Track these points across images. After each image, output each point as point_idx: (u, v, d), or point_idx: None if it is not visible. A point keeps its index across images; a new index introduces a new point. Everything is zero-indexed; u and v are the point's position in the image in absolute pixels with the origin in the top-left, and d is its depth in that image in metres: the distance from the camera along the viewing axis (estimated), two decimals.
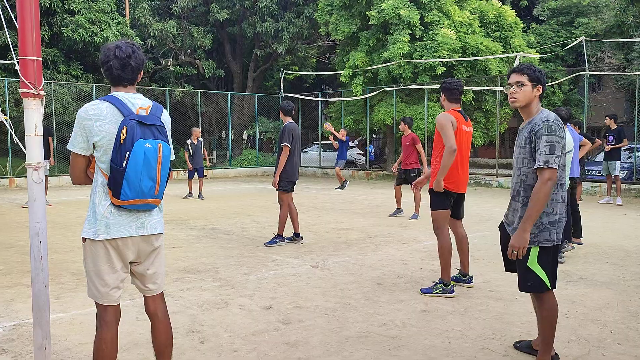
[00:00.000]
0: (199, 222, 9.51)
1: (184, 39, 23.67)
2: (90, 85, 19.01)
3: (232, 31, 24.97)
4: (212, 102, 24.63)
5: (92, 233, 2.77)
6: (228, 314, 4.53)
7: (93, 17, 19.05)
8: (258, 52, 24.54)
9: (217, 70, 24.87)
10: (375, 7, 18.20)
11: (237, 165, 23.27)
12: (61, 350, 3.74)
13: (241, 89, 26.00)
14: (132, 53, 2.79)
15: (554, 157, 3.16)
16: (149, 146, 2.70)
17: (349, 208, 11.48)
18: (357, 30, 19.68)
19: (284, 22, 23.02)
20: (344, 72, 19.80)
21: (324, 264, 6.33)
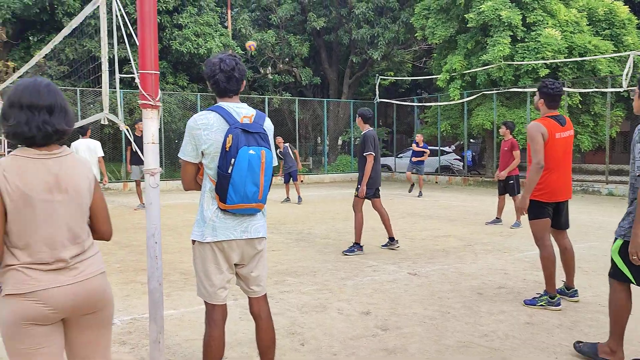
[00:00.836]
0: (296, 227, 9.73)
1: (282, 48, 24.34)
2: (195, 95, 20.06)
3: (328, 39, 25.35)
4: (309, 108, 25.12)
5: (200, 236, 2.93)
6: (327, 317, 4.61)
7: (198, 30, 20.10)
8: (354, 58, 24.72)
9: (314, 77, 25.33)
10: (474, 9, 17.74)
11: (333, 170, 23.54)
12: (172, 345, 3.98)
13: (337, 96, 26.30)
14: (236, 65, 2.94)
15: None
16: (253, 153, 2.82)
17: (445, 215, 11.25)
18: (454, 33, 19.28)
19: (379, 28, 23.03)
20: (441, 77, 19.45)
21: (421, 271, 6.26)
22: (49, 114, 2.11)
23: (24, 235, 2.07)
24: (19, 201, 2.04)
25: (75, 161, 2.22)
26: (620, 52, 17.60)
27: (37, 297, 2.06)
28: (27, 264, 2.07)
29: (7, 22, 18.16)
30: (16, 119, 2.06)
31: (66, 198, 2.14)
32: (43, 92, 2.11)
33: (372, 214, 7.96)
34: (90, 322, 2.26)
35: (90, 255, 2.24)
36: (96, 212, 2.33)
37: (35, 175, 2.08)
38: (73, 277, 2.14)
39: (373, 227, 9.56)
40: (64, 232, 2.13)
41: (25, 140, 2.10)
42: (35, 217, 2.07)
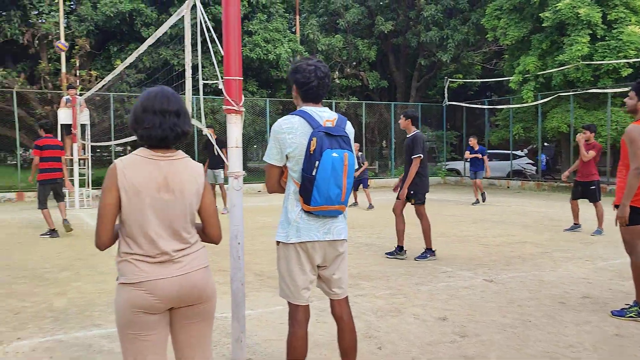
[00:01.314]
0: (365, 231, 9.71)
1: (350, 52, 24.42)
2: (264, 100, 20.45)
3: (396, 42, 25.18)
4: (375, 112, 25.04)
5: (285, 237, 2.99)
6: (402, 322, 4.57)
7: (268, 37, 20.49)
8: (422, 61, 24.44)
9: (381, 81, 25.24)
10: (550, 8, 17.12)
11: (399, 174, 23.29)
12: (252, 345, 4.07)
13: (404, 99, 26.08)
14: (327, 72, 3.03)
15: None
16: (336, 155, 2.87)
17: (520, 221, 10.90)
18: (528, 33, 18.69)
19: (449, 30, 22.66)
20: (514, 78, 18.89)
21: (498, 278, 6.09)
22: (177, 117, 2.33)
23: (133, 226, 2.26)
24: (132, 195, 2.24)
25: (187, 165, 2.38)
26: None
27: (145, 288, 2.24)
28: (137, 255, 2.26)
29: (91, 34, 19.21)
30: (150, 123, 2.29)
31: (172, 198, 2.30)
32: (171, 99, 2.35)
33: (438, 217, 7.83)
34: (194, 316, 2.39)
35: (195, 251, 2.39)
36: (205, 216, 2.49)
37: (148, 174, 2.27)
38: (177, 269, 2.30)
39: (443, 233, 9.41)
40: (166, 228, 2.29)
41: (159, 141, 2.31)
42: (144, 211, 2.25)
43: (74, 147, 14.19)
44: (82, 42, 18.74)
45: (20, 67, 19.70)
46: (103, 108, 18.90)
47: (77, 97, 14.15)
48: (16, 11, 18.70)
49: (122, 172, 2.24)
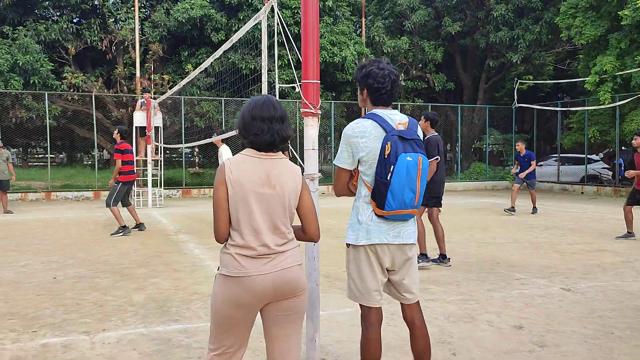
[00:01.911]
0: (430, 235, 9.55)
1: (415, 54, 24.15)
2: (329, 102, 20.54)
3: (463, 43, 24.69)
4: (441, 115, 24.61)
5: (355, 239, 2.99)
6: (476, 329, 4.47)
7: (334, 39, 20.58)
8: (490, 62, 23.84)
9: (447, 83, 24.82)
10: (630, 5, 16.29)
11: (466, 178, 22.86)
12: (325, 345, 4.10)
13: (471, 101, 25.52)
14: (397, 75, 3.03)
15: None
16: (410, 159, 2.84)
17: (597, 228, 10.43)
18: (605, 32, 17.86)
19: (520, 30, 21.97)
20: (589, 79, 18.08)
21: (576, 287, 5.85)
22: (281, 123, 2.52)
23: (239, 218, 2.44)
24: (237, 189, 2.42)
25: (287, 165, 2.56)
26: None
27: (243, 284, 2.40)
28: (240, 247, 2.43)
29: (163, 39, 19.95)
30: (260, 129, 2.47)
31: (273, 192, 2.46)
32: (277, 106, 2.53)
33: (509, 222, 7.61)
34: (286, 309, 2.50)
35: (291, 248, 2.52)
36: (304, 214, 2.61)
37: (251, 170, 2.45)
38: (274, 266, 2.44)
39: (515, 239, 9.14)
40: (268, 221, 2.45)
41: (267, 145, 2.49)
42: (248, 204, 2.43)
43: (148, 148, 14.78)
44: (155, 47, 19.50)
45: (99, 71, 20.73)
46: (174, 111, 19.57)
47: (151, 100, 14.74)
48: (95, 19, 19.70)
49: (230, 169, 2.43)
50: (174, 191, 18.20)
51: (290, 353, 2.55)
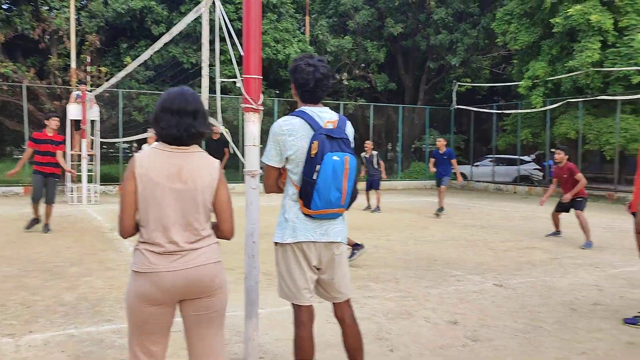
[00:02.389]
0: (374, 233, 9.70)
1: (359, 54, 24.40)
2: (272, 100, 20.45)
3: (405, 44, 25.15)
4: (383, 114, 25.01)
5: (281, 237, 2.97)
6: (413, 325, 4.56)
7: (277, 36, 20.48)
8: (431, 64, 24.40)
9: (389, 83, 25.22)
10: (561, 14, 17.05)
11: (406, 177, 23.30)
12: (263, 344, 4.06)
13: (412, 102, 26.05)
14: (327, 72, 2.95)
15: None
16: (337, 159, 2.83)
17: (528, 226, 10.87)
18: (538, 38, 18.62)
19: (458, 34, 22.61)
20: (523, 83, 18.82)
21: (508, 283, 6.07)
22: (193, 118, 2.40)
23: (145, 213, 2.36)
24: (146, 184, 2.34)
25: (203, 159, 2.45)
26: None
27: (151, 279, 2.33)
28: (148, 244, 2.35)
29: (101, 30, 19.25)
30: (167, 122, 2.38)
31: (185, 188, 2.37)
32: (189, 99, 2.43)
33: (448, 221, 7.81)
34: (202, 309, 2.43)
35: (204, 245, 2.43)
36: (217, 210, 2.51)
37: (161, 164, 2.37)
38: (184, 263, 2.36)
39: (453, 237, 9.39)
40: (177, 217, 2.36)
41: (174, 140, 2.39)
42: (157, 200, 2.34)
43: (83, 142, 14.22)
44: (92, 38, 18.79)
45: (30, 61, 19.76)
46: (112, 104, 18.94)
47: (87, 93, 14.20)
48: (27, 5, 18.76)
49: (140, 163, 2.36)
50: (111, 187, 17.62)
51: (211, 354, 2.49)
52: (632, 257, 7.50)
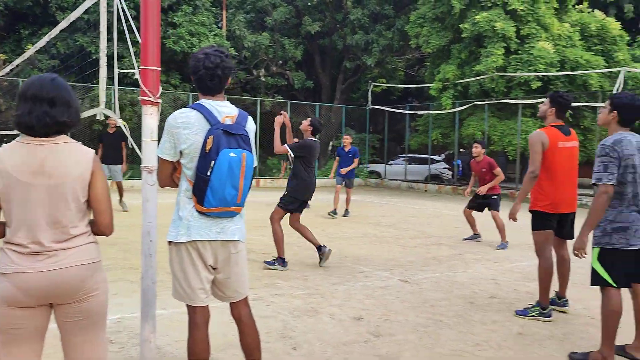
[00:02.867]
0: (286, 230, 9.65)
1: (276, 51, 24.31)
2: (187, 94, 19.95)
3: (322, 43, 25.36)
4: (300, 112, 25.08)
5: (175, 236, 2.86)
6: (319, 322, 4.57)
7: (193, 30, 20.00)
8: (347, 64, 24.75)
9: (307, 81, 25.32)
10: (469, 20, 17.85)
11: (322, 175, 23.50)
12: (162, 345, 3.92)
13: (329, 100, 26.32)
14: (220, 62, 2.82)
15: (607, 175, 3.64)
16: (234, 155, 2.73)
17: (436, 223, 11.27)
18: (448, 42, 19.38)
19: (374, 35, 23.09)
20: (434, 85, 19.54)
21: (413, 278, 6.25)
22: (49, 106, 2.21)
23: (8, 212, 2.21)
24: (6, 181, 2.17)
25: (72, 151, 2.27)
26: (611, 67, 17.81)
27: (13, 280, 2.16)
28: (11, 244, 2.19)
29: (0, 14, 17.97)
30: (22, 109, 2.21)
31: (49, 182, 2.20)
32: (46, 86, 2.23)
33: (360, 218, 7.94)
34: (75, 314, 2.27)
35: (77, 245, 2.27)
36: (94, 204, 2.36)
37: (21, 158, 2.19)
38: (50, 264, 2.20)
39: (364, 233, 9.55)
40: (42, 215, 2.20)
41: (27, 129, 2.20)
42: (19, 196, 2.17)
43: None
44: None
45: None
46: (11, 94, 17.71)
47: None
48: None
49: (1, 158, 2.18)
50: None
51: None
52: (528, 252, 7.96)
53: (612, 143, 3.69)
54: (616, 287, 3.69)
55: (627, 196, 3.68)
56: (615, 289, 3.70)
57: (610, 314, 3.70)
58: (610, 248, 3.69)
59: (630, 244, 3.66)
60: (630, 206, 3.68)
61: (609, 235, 3.69)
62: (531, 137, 4.81)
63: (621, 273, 3.70)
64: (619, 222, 3.67)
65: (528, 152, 18.25)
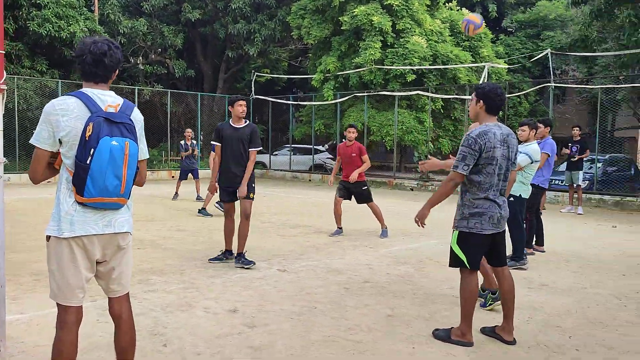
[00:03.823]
0: (165, 223, 9.37)
1: (155, 38, 23.35)
2: (56, 82, 18.57)
3: (204, 31, 24.75)
4: (182, 102, 24.37)
5: (57, 230, 2.71)
6: (192, 316, 4.47)
7: (60, 12, 18.62)
8: (229, 53, 24.38)
9: (188, 70, 24.60)
10: (348, 13, 18.30)
11: (206, 166, 23.00)
12: (17, 353, 3.62)
13: (212, 90, 25.80)
14: (108, 51, 2.75)
15: (463, 165, 3.84)
16: (116, 144, 2.66)
17: (317, 212, 11.48)
18: (329, 35, 19.75)
19: (256, 24, 22.92)
20: (316, 77, 19.84)
21: (291, 267, 6.31)
22: None
23: None
24: None
25: None
26: (477, 62, 19.15)
27: None
28: None
29: None
30: None
31: None
32: None
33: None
34: None
35: None
36: None
37: None
38: None
39: None
40: None
41: None
42: None
43: None
44: None
45: None
46: None
47: None
48: None
49: None
50: None
51: None
52: (401, 237, 8.36)
53: (476, 135, 3.84)
54: (470, 269, 3.97)
55: (484, 186, 3.89)
56: (470, 271, 3.98)
57: (468, 294, 3.98)
58: (467, 232, 3.93)
59: (484, 229, 3.90)
60: (488, 195, 3.90)
61: (466, 219, 3.94)
62: None
63: (476, 256, 3.97)
64: (475, 208, 3.90)
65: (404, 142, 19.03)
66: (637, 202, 13.38)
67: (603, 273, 6.42)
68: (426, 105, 18.26)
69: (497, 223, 3.96)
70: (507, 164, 3.96)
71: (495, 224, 3.94)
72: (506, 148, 3.93)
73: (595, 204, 13.70)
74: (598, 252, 7.73)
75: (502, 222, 4.02)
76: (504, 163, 3.94)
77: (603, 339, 4.19)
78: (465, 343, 3.97)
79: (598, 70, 21.38)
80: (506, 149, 3.93)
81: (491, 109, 3.97)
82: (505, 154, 3.92)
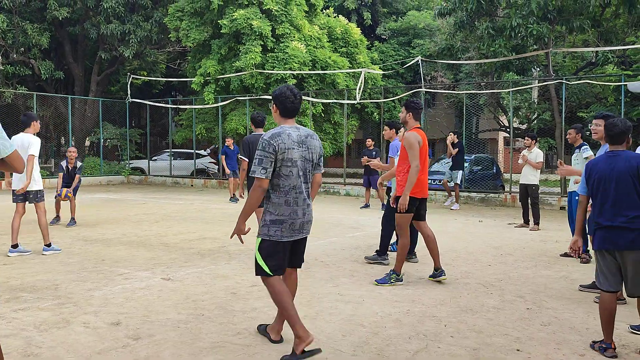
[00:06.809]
0: (33, 236, 8.71)
1: (16, 36, 21.56)
2: None
3: (73, 31, 23.26)
4: (50, 105, 22.75)
5: None
6: (70, 333, 4.23)
7: None
8: (102, 54, 23.14)
9: (56, 71, 22.99)
10: (227, 16, 18.17)
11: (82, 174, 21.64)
12: None
13: (83, 93, 24.33)
14: None
15: (260, 169, 3.67)
16: None
17: (201, 217, 11.29)
18: (208, 38, 19.46)
19: (131, 25, 21.97)
20: (195, 80, 19.47)
21: (176, 275, 6.17)
22: None
23: None
24: None
25: None
26: (354, 68, 19.89)
27: None
28: None
29: None
30: None
31: None
32: None
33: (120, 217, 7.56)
34: None
35: None
36: None
37: None
38: None
39: (124, 233, 9.09)
40: None
41: None
42: None
43: None
44: None
45: None
46: None
47: None
48: None
49: None
50: None
51: None
52: None
53: (269, 137, 3.73)
54: (272, 275, 3.83)
55: (284, 188, 3.77)
56: (272, 277, 3.84)
57: (279, 297, 3.81)
58: (268, 239, 3.81)
59: (284, 236, 3.80)
60: (289, 200, 3.79)
61: (267, 227, 3.81)
62: (408, 137, 5.75)
63: (277, 263, 3.84)
64: (276, 216, 3.78)
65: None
66: (499, 198, 14.68)
67: (471, 264, 6.99)
68: (307, 109, 18.63)
69: (299, 229, 3.88)
70: (307, 166, 3.89)
71: (297, 230, 3.87)
72: (306, 149, 3.86)
73: (464, 201, 14.79)
74: (466, 245, 8.39)
75: (305, 227, 3.94)
76: (304, 165, 3.85)
77: (474, 325, 4.58)
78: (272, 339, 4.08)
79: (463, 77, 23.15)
80: (306, 150, 3.86)
81: (285, 111, 3.89)
82: (304, 155, 3.85)
